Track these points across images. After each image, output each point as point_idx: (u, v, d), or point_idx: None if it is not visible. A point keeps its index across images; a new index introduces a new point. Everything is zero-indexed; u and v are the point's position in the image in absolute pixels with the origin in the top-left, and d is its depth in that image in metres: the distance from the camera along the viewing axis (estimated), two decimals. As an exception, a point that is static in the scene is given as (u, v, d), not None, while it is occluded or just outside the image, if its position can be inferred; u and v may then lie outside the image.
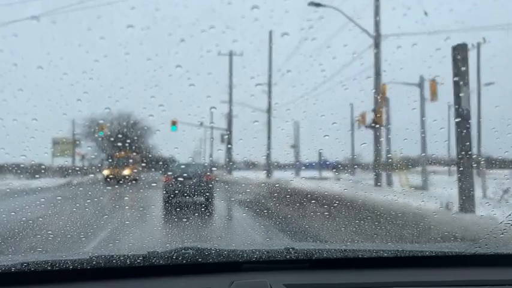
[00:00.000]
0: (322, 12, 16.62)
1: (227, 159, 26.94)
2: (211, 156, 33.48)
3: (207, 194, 11.35)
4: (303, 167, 23.27)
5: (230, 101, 31.48)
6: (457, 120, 8.48)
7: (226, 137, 30.23)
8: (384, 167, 16.56)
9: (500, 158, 12.02)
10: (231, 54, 29.98)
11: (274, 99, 26.27)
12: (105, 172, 22.19)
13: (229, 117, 30.52)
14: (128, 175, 20.80)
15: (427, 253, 2.37)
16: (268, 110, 27.68)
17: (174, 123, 20.58)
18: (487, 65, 24.41)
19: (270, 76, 28.18)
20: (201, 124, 26.31)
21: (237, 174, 23.98)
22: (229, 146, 27.75)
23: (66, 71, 7.24)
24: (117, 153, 23.41)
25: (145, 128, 23.97)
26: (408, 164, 16.95)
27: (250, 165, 22.10)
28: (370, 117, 16.95)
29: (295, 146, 24.82)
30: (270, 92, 28.04)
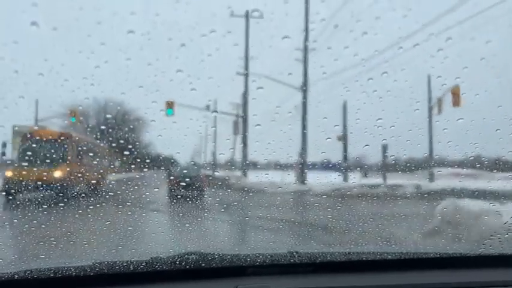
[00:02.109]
0: (323, 14, 16.27)
1: (242, 158, 21.29)
2: (213, 155, 28.20)
3: (203, 197, 10.79)
4: (308, 168, 18.05)
5: (246, 76, 24.38)
6: None
7: (236, 130, 24.58)
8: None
9: None
10: (247, 16, 24.17)
11: (276, 102, 24.46)
12: (8, 175, 10.91)
13: (245, 100, 23.94)
14: (59, 180, 9.81)
15: (432, 255, 2.35)
16: (303, 87, 20.48)
17: (170, 105, 14.93)
18: None
19: (306, 37, 21.13)
20: (208, 107, 21.71)
21: (254, 178, 16.74)
22: (242, 136, 21.80)
23: (67, 77, 7.26)
24: (33, 131, 12.89)
25: (139, 120, 18.54)
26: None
27: (268, 165, 15.27)
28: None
29: (344, 138, 18.25)
30: (306, 59, 20.99)
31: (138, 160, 8.62)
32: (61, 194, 7.44)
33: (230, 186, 15.38)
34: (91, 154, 13.51)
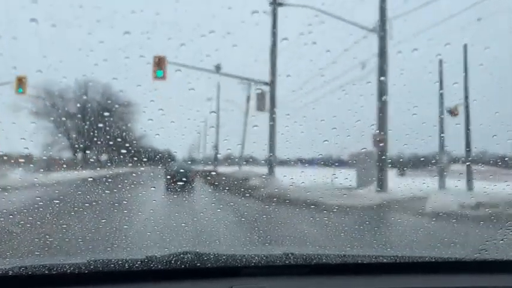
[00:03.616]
0: (322, 16, 15.86)
1: (269, 146, 14.07)
2: (215, 147, 22.56)
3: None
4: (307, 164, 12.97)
5: (274, 7, 17.59)
6: None
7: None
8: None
9: None
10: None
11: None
12: None
13: (273, 51, 17.36)
14: None
15: (427, 259, 2.35)
16: (382, 26, 12.56)
17: (159, 63, 11.65)
18: None
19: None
20: (217, 69, 17.67)
21: (290, 178, 8.57)
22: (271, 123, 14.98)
23: (65, 74, 7.27)
24: None
25: (126, 103, 15.78)
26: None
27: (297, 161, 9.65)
28: None
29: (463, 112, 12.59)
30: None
31: (135, 158, 7.76)
32: None
33: (250, 191, 10.49)
34: None
